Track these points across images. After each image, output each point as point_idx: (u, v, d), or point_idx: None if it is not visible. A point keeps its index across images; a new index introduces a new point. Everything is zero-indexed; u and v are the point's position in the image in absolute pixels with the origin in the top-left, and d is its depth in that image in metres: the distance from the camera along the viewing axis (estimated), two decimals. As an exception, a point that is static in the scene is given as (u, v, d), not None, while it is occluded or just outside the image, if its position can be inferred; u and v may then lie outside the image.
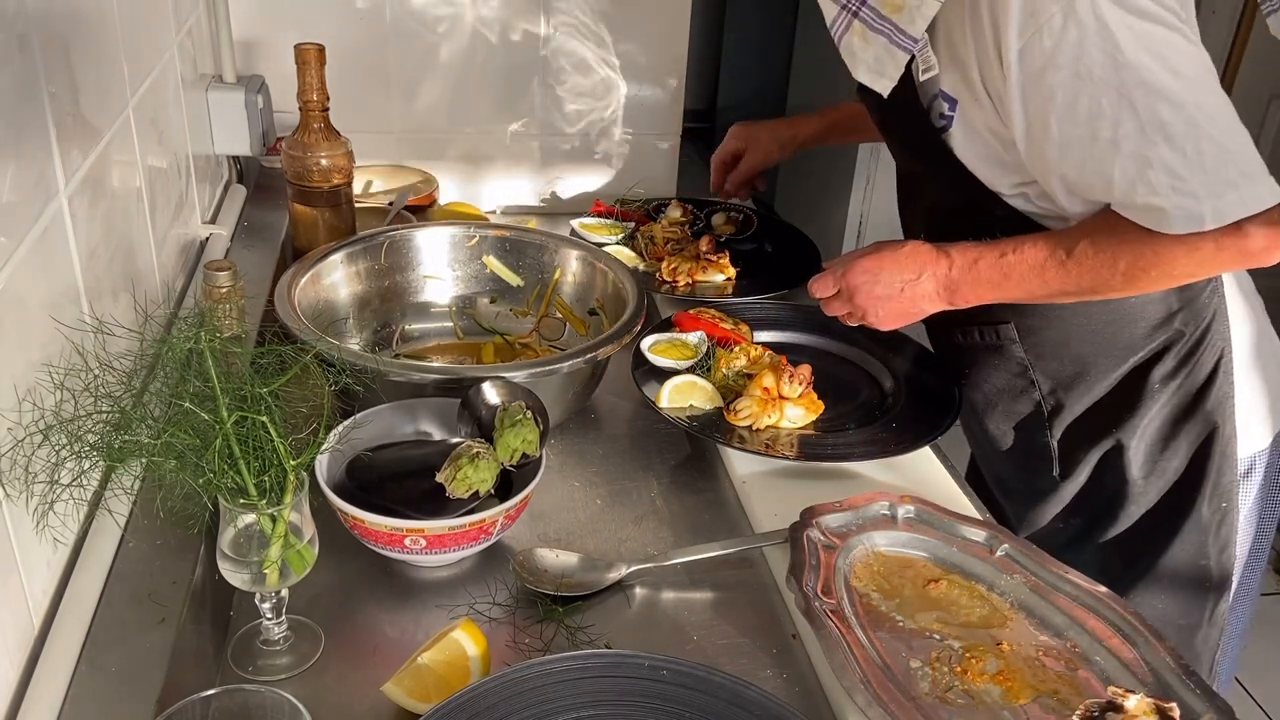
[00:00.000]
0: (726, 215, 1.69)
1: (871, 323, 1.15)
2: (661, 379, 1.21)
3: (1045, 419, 1.21)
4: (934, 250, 1.10)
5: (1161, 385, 1.14)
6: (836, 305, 1.17)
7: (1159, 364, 1.14)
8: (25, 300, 0.74)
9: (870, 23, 1.05)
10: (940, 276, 1.09)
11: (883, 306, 1.12)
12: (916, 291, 1.10)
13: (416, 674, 0.82)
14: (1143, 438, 1.17)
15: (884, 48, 1.04)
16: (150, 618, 0.77)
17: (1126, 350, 1.14)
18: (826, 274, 1.16)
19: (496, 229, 1.42)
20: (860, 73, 1.08)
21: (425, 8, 1.70)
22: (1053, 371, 1.18)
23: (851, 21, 1.06)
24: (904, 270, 1.10)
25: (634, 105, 1.84)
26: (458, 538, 0.93)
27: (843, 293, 1.15)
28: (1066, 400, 1.19)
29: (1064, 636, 0.89)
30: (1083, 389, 1.18)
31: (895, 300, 1.12)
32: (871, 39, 1.05)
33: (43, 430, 0.73)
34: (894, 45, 1.04)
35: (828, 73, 3.83)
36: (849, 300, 1.14)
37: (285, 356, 0.86)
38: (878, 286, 1.11)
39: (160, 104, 1.18)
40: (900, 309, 1.12)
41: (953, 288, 1.09)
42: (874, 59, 1.06)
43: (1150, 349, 1.13)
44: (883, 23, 1.03)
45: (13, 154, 0.71)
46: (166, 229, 1.18)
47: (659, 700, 0.78)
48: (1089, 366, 1.16)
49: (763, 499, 1.09)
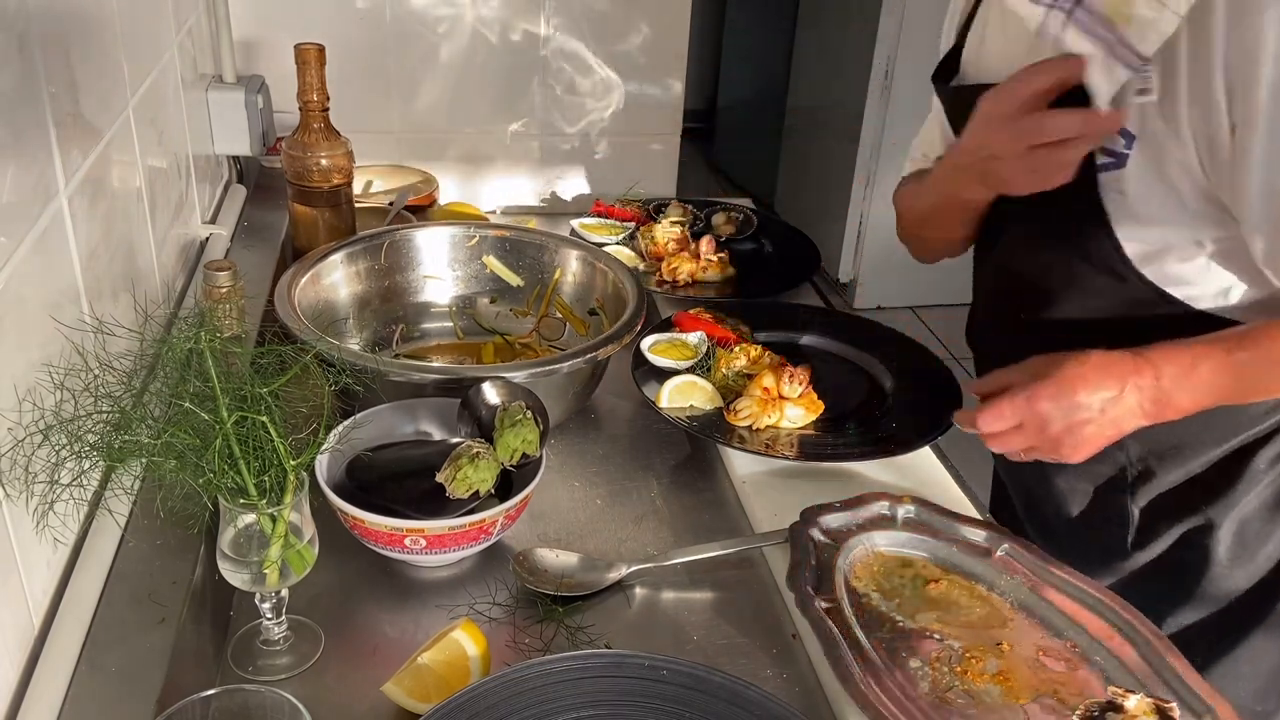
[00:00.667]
0: (726, 215, 1.69)
1: (1064, 456, 0.95)
2: (661, 379, 1.21)
3: (1129, 485, 1.08)
4: (1129, 357, 0.91)
5: (1267, 468, 1.03)
6: (1015, 439, 0.96)
7: (1268, 446, 1.02)
8: (25, 300, 0.74)
9: (1086, 26, 0.88)
10: (1146, 388, 0.91)
11: (1080, 434, 0.93)
12: (1119, 410, 0.91)
13: (416, 674, 0.82)
14: (1237, 520, 1.05)
15: (1100, 62, 0.88)
16: (150, 618, 0.77)
17: (1234, 428, 1.02)
18: (1001, 404, 0.94)
19: (496, 229, 1.42)
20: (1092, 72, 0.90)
21: (425, 8, 1.70)
22: (1147, 438, 1.02)
23: (1065, 23, 0.88)
24: (1101, 387, 0.91)
25: (634, 105, 1.84)
26: (458, 538, 0.93)
27: (1027, 425, 0.94)
28: (1158, 469, 1.06)
29: (1064, 636, 0.89)
30: (1178, 461, 1.05)
31: (1094, 424, 0.92)
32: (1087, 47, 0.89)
33: (43, 430, 0.73)
34: (1113, 59, 0.87)
35: (828, 73, 3.83)
36: (1038, 433, 0.94)
37: (285, 356, 0.86)
38: (1076, 412, 0.91)
39: (160, 104, 1.18)
40: (1099, 434, 0.93)
41: (1163, 400, 0.91)
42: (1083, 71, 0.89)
43: (1261, 430, 1.02)
44: (1105, 31, 0.87)
45: (13, 154, 0.71)
46: (166, 229, 1.18)
47: (659, 700, 0.78)
48: (1190, 439, 1.03)
49: (763, 499, 1.09)
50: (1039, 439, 0.94)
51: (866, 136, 3.56)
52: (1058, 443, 0.94)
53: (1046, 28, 0.90)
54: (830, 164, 3.80)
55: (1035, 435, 0.94)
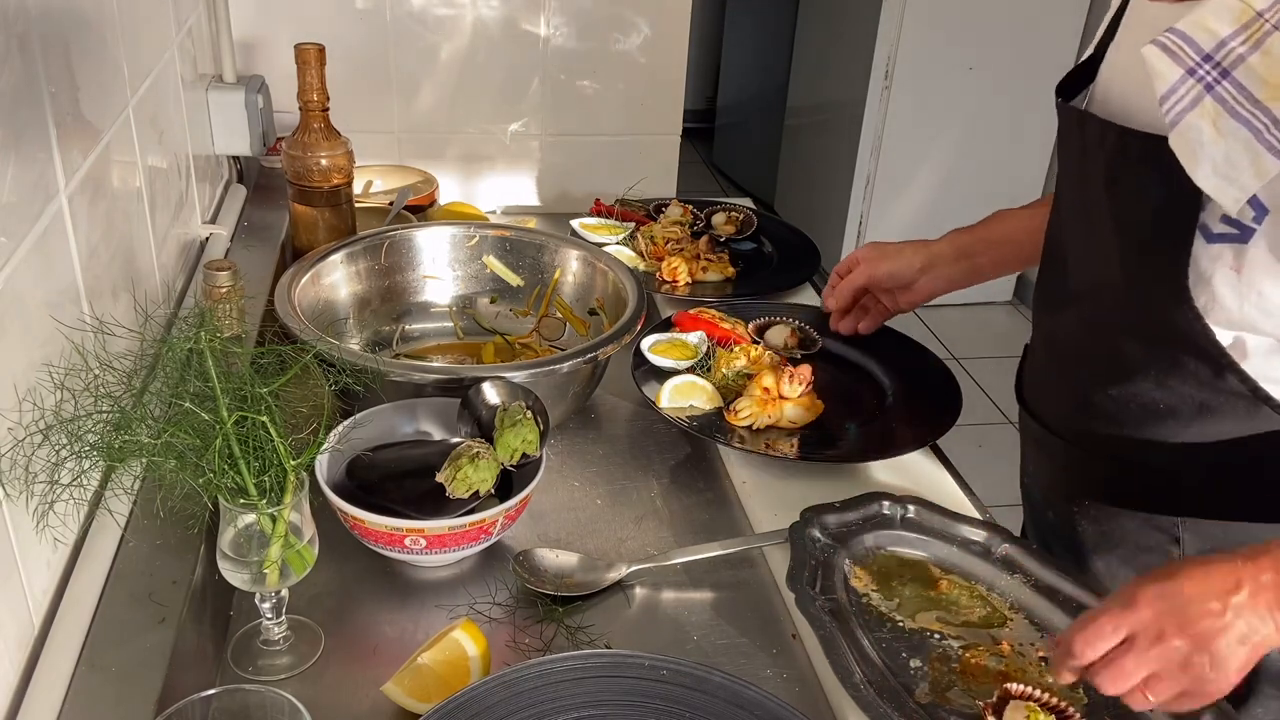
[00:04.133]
0: (726, 215, 1.69)
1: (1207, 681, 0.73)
2: (661, 379, 1.21)
3: None
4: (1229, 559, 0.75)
5: None
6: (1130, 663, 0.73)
7: None
8: (25, 300, 0.74)
9: (1230, 105, 0.73)
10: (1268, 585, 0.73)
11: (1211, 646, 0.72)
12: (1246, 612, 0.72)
13: (416, 674, 0.82)
14: None
15: (1245, 145, 0.73)
16: (150, 618, 0.77)
17: None
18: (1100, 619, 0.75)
19: (496, 229, 1.42)
20: (1202, 173, 0.76)
21: (425, 8, 1.70)
22: (1209, 536, 0.90)
23: (1202, 98, 0.74)
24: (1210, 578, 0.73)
25: (634, 105, 1.84)
26: (458, 538, 0.93)
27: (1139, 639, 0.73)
28: None
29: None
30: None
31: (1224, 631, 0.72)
32: (1227, 129, 0.74)
33: (43, 430, 0.73)
34: (1261, 146, 0.73)
35: (828, 72, 3.83)
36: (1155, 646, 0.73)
37: (285, 356, 0.86)
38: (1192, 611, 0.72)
39: (160, 104, 1.18)
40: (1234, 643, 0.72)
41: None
42: (1224, 158, 0.74)
43: None
44: (1252, 111, 0.73)
45: (13, 154, 0.71)
46: (166, 229, 1.19)
47: (659, 700, 0.79)
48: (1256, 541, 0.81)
49: (763, 499, 1.09)
50: (1161, 660, 0.73)
51: (866, 136, 3.56)
52: (1187, 662, 0.73)
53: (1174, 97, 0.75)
54: (830, 164, 3.79)
55: (1154, 652, 0.73)
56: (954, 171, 3.61)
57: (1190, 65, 0.74)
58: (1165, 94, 0.76)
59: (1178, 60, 0.75)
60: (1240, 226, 0.79)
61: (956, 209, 2.64)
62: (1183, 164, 0.76)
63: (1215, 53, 0.74)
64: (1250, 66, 0.72)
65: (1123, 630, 0.73)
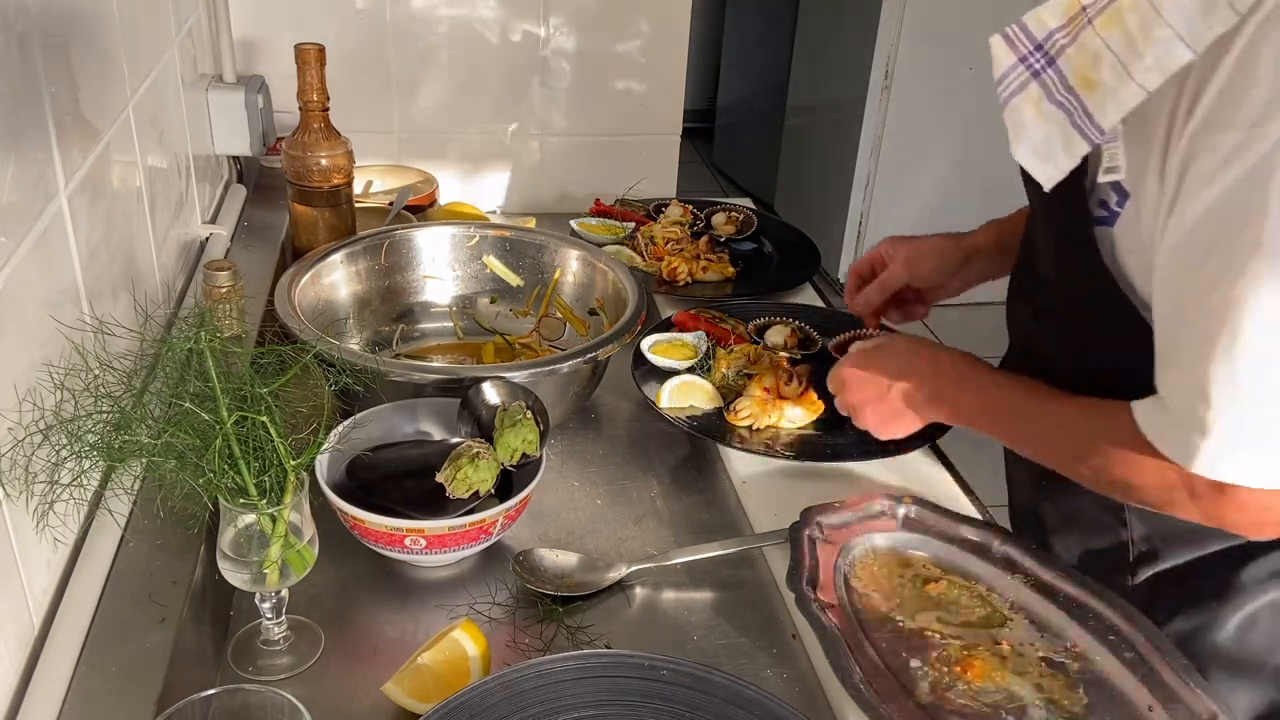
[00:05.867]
0: (726, 215, 1.69)
1: (863, 425, 1.07)
2: (661, 379, 1.21)
3: (1130, 563, 1.00)
4: (932, 348, 1.01)
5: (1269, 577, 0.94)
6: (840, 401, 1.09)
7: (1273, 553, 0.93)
8: (25, 300, 0.74)
9: (1051, 91, 0.80)
10: (930, 380, 1.00)
11: (871, 410, 1.05)
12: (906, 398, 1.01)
13: (416, 674, 0.82)
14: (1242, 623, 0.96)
15: (1061, 128, 0.80)
16: (150, 618, 0.77)
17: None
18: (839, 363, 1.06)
19: (496, 229, 1.42)
20: (1022, 152, 0.83)
21: (425, 8, 1.70)
22: (1156, 519, 0.94)
23: (1028, 84, 0.81)
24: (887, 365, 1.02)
25: (634, 105, 1.84)
26: (458, 538, 0.93)
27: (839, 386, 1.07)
28: (1164, 551, 0.98)
29: (1064, 636, 0.89)
30: (1188, 549, 0.97)
31: (883, 404, 1.03)
32: (1047, 112, 0.81)
33: (43, 430, 0.73)
34: (1074, 129, 0.79)
35: (828, 73, 3.83)
36: (840, 396, 1.07)
37: (285, 356, 0.86)
38: (867, 385, 1.04)
39: (160, 104, 1.18)
40: (890, 414, 1.04)
41: (942, 399, 1.00)
42: (1043, 139, 0.81)
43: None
44: (1067, 96, 0.79)
45: (13, 154, 0.71)
46: (166, 229, 1.19)
47: (659, 700, 0.78)
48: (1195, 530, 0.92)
49: (763, 499, 1.09)
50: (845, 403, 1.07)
51: (866, 137, 3.56)
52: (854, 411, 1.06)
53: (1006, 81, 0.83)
54: (830, 164, 3.80)
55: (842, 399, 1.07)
56: (954, 171, 3.61)
57: (1023, 53, 0.81)
58: (999, 78, 0.83)
59: (1013, 48, 0.82)
60: (1109, 210, 0.85)
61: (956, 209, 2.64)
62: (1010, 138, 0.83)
63: (1045, 42, 0.80)
64: (1068, 56, 0.79)
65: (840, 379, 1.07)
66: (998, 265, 1.20)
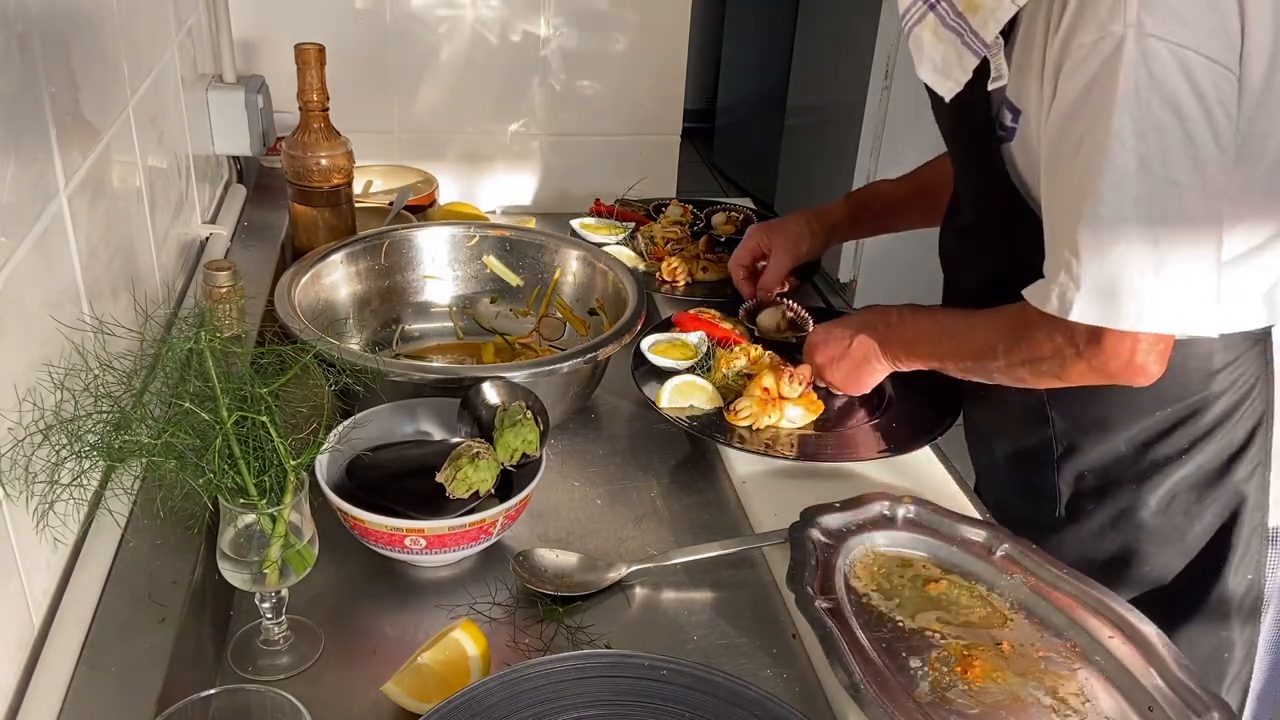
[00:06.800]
0: (726, 215, 1.69)
1: (830, 384, 1.20)
2: (661, 379, 1.21)
3: (1055, 459, 1.14)
4: (881, 307, 1.16)
5: (1189, 449, 1.07)
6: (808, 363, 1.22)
7: (1188, 425, 1.06)
8: (25, 300, 0.74)
9: (945, 18, 0.97)
10: (880, 329, 1.13)
11: (836, 367, 1.18)
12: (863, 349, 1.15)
13: (416, 674, 0.82)
14: (1161, 499, 1.09)
15: (954, 48, 0.97)
16: (150, 618, 0.77)
17: (1153, 405, 1.06)
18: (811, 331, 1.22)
19: (496, 229, 1.42)
20: (924, 70, 1.01)
21: (425, 8, 1.70)
22: (1072, 414, 1.11)
23: (926, 14, 0.99)
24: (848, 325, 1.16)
25: (634, 105, 1.84)
26: (458, 538, 0.93)
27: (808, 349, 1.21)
28: (1082, 444, 1.11)
29: (1064, 636, 0.89)
30: (1101, 438, 1.10)
31: (845, 360, 1.17)
32: (943, 36, 0.98)
33: (43, 430, 0.73)
34: (964, 47, 0.97)
35: (828, 73, 3.83)
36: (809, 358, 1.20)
37: (285, 356, 0.86)
38: (832, 344, 1.18)
39: (160, 104, 1.18)
40: (851, 366, 1.17)
41: (891, 341, 1.13)
42: (941, 58, 0.99)
43: (1178, 410, 1.05)
44: (957, 21, 0.96)
45: (13, 154, 0.71)
46: (166, 229, 1.19)
47: (659, 700, 0.78)
48: (1113, 417, 1.08)
49: (763, 499, 1.09)
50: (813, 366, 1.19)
51: (866, 137, 3.56)
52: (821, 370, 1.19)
53: (908, 14, 1.00)
54: (830, 164, 3.79)
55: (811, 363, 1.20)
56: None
57: None
58: (902, 13, 1.01)
59: None
60: (1006, 128, 1.01)
61: (956, 209, 2.62)
62: (915, 62, 1.01)
63: None
64: None
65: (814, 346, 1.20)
66: (851, 232, 1.47)
